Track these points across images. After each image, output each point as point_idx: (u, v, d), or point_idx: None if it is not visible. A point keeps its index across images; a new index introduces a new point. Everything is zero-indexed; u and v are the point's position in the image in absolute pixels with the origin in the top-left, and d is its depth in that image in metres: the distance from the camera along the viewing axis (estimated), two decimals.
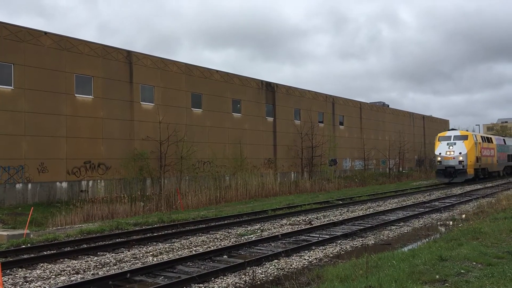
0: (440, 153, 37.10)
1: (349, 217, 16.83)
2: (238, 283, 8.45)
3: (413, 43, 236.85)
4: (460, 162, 35.80)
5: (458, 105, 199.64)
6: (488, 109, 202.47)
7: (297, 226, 15.40)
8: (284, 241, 12.52)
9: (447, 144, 37.03)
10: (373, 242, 12.49)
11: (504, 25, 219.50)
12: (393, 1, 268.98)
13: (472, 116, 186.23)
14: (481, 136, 40.71)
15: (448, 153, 36.44)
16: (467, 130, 47.80)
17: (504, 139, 47.73)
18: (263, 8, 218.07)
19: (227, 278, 8.73)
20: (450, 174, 35.96)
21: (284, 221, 16.51)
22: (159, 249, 11.80)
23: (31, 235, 13.80)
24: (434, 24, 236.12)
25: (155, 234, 13.83)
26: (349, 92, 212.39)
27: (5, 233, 13.48)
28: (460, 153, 36.03)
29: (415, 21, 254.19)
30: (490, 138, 43.02)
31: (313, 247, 11.60)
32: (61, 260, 10.68)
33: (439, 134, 39.70)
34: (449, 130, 40.58)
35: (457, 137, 37.30)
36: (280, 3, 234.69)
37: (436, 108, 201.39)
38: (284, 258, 10.38)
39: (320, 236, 13.23)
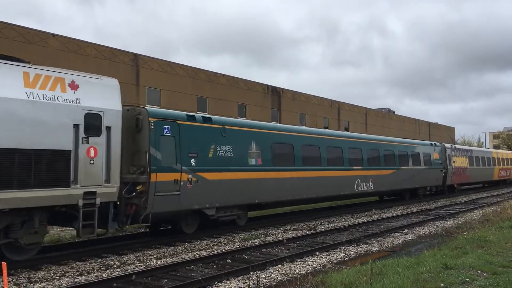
0: None
1: (353, 223, 16.80)
2: (241, 287, 8.43)
3: (403, 52, 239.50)
4: None
5: (456, 113, 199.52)
6: (485, 117, 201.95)
7: (301, 231, 15.37)
8: (288, 246, 12.49)
9: None
10: (377, 249, 12.43)
11: (490, 35, 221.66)
12: (380, 11, 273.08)
13: (472, 125, 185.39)
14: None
15: None
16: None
17: None
18: (256, 17, 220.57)
19: (231, 282, 8.72)
20: None
21: (288, 226, 16.47)
22: (162, 252, 11.80)
23: None
24: (421, 35, 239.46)
25: (159, 238, 13.82)
26: (345, 99, 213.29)
27: None
28: None
29: (403, 31, 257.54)
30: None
31: (317, 253, 11.57)
32: (65, 261, 10.70)
33: None
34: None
35: None
36: (271, 12, 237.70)
37: (435, 115, 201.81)
38: (288, 263, 10.35)
39: (324, 242, 13.19)
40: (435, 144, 29.45)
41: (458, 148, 33.64)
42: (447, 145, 31.58)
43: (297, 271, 9.72)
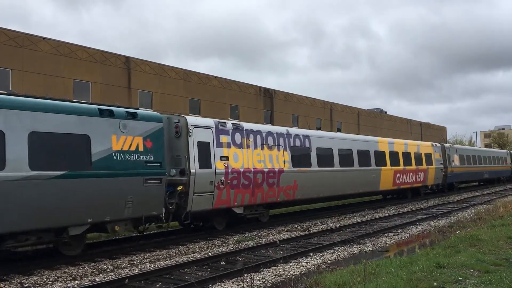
0: None
1: (346, 224, 16.84)
2: None
3: (388, 54, 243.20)
4: None
5: (444, 113, 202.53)
6: (474, 116, 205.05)
7: (294, 232, 15.38)
8: (281, 247, 12.50)
9: None
10: (371, 248, 12.47)
11: (471, 36, 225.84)
12: (363, 14, 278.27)
13: (461, 124, 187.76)
14: None
15: None
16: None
17: None
18: (242, 19, 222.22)
19: (225, 285, 8.71)
20: None
21: (282, 228, 16.48)
22: (156, 256, 11.76)
23: None
24: (404, 37, 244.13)
25: (153, 241, 13.79)
26: (335, 100, 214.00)
27: None
28: None
29: (386, 33, 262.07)
30: None
31: (311, 254, 11.59)
32: (58, 266, 10.63)
33: None
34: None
35: None
36: (257, 16, 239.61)
37: (424, 115, 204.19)
38: (282, 264, 10.36)
39: (318, 242, 13.21)
40: (132, 113, 11.59)
41: (251, 129, 15.38)
42: (195, 119, 14.02)
43: (291, 272, 9.73)
